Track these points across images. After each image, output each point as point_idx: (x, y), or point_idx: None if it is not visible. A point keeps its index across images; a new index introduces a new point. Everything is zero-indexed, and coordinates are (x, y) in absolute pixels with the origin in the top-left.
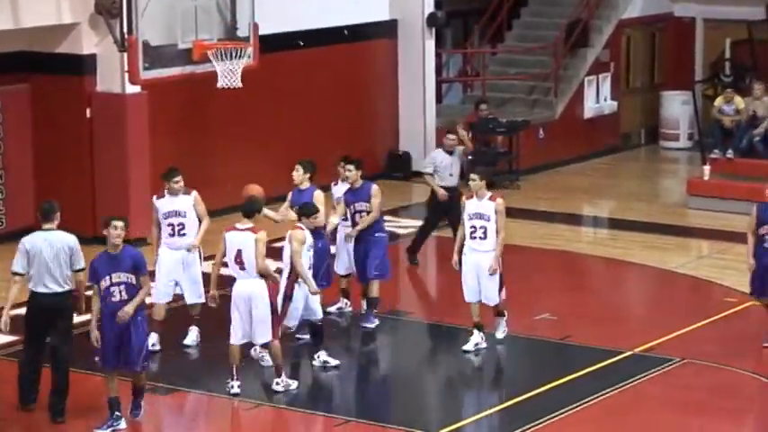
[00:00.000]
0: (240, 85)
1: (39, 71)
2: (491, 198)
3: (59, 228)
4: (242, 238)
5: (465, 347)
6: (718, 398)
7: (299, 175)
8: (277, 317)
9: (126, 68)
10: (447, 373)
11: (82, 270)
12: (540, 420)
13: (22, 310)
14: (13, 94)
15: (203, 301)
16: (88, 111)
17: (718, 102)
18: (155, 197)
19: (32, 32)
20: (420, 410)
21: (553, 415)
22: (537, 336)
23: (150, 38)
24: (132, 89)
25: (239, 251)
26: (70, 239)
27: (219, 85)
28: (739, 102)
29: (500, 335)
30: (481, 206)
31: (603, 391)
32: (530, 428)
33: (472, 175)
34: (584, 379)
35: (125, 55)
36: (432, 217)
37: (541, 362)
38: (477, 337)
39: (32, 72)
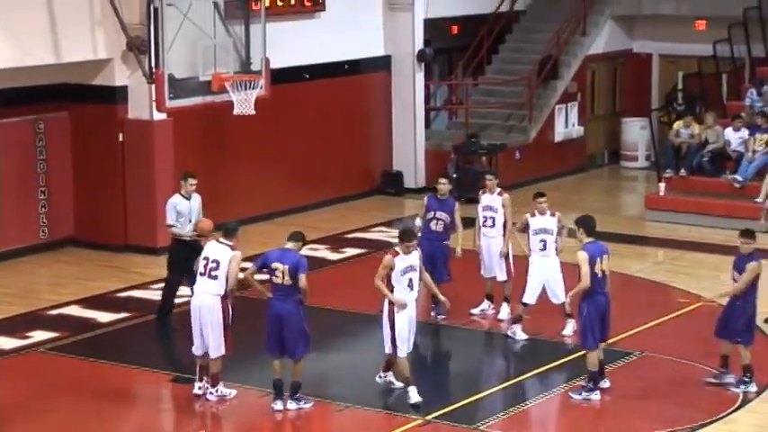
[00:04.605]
0: (253, 112)
1: (77, 101)
2: (500, 193)
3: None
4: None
5: (472, 311)
6: (673, 386)
7: (444, 187)
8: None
9: (153, 98)
10: (437, 365)
11: (169, 226)
12: (517, 407)
13: None
14: (54, 120)
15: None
16: (120, 135)
17: (677, 125)
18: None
19: (72, 67)
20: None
21: (527, 402)
22: None
23: (175, 71)
24: (159, 116)
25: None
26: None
27: (235, 112)
28: (695, 128)
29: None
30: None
31: (572, 381)
32: (510, 413)
33: (487, 176)
34: (555, 370)
35: (153, 86)
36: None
37: (516, 355)
38: (484, 305)
39: (72, 101)
